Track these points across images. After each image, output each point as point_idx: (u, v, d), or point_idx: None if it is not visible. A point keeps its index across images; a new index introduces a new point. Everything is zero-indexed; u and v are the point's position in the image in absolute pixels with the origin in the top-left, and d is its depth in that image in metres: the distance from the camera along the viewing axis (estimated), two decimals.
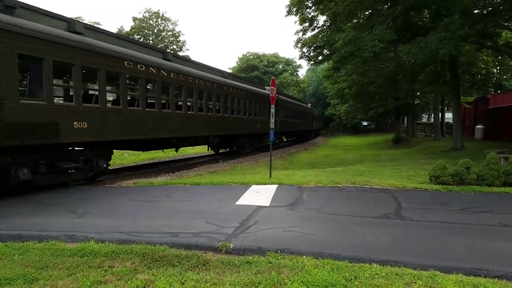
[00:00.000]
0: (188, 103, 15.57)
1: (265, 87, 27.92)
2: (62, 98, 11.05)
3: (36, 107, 8.88)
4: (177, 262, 4.61)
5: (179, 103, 15.26)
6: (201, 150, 26.09)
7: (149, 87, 13.69)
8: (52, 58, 9.13)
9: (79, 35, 10.20)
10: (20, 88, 8.78)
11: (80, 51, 9.94)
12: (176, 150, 16.70)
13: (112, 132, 11.17)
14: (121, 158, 20.63)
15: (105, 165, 11.79)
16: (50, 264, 4.59)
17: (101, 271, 4.39)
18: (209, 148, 22.36)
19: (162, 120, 13.76)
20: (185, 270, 4.41)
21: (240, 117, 21.33)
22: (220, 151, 23.64)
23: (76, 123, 9.91)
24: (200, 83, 16.55)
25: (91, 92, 11.57)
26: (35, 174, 9.27)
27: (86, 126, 10.19)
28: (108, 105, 11.45)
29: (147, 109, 12.78)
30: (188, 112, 15.54)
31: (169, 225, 6.11)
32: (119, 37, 12.82)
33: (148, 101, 13.79)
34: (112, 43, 11.47)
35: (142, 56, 12.63)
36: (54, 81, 9.93)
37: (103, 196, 9.06)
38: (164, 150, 16.68)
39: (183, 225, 6.10)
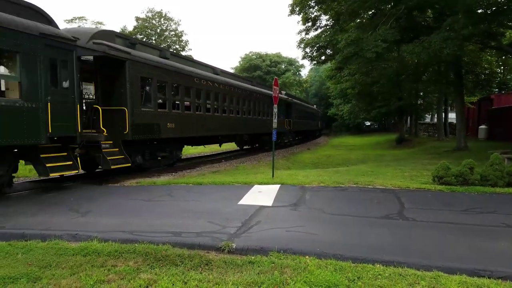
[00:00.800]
0: (231, 108, 20.08)
1: (282, 91, 31.87)
2: (160, 107, 14.24)
3: (149, 113, 12.85)
4: (180, 262, 4.62)
5: (224, 108, 19.29)
6: (202, 150, 26.07)
7: (206, 95, 17.48)
8: (156, 78, 13.28)
9: (168, 60, 14.41)
10: (140, 100, 12.46)
11: (171, 73, 14.15)
12: (220, 145, 21.78)
13: (186, 130, 15.39)
14: None
15: (180, 155, 16.53)
16: (53, 263, 4.61)
17: (104, 270, 4.40)
18: (237, 144, 26.36)
19: (214, 121, 18.12)
20: (188, 270, 4.41)
21: (263, 118, 25.60)
22: (244, 147, 27.35)
23: (168, 124, 13.90)
24: (238, 92, 21.23)
25: (176, 102, 15.04)
26: (143, 160, 13.25)
27: (173, 126, 14.24)
28: (185, 111, 15.42)
29: (206, 113, 17.25)
30: (230, 115, 20.02)
31: (171, 225, 6.11)
32: (187, 59, 18.45)
33: (206, 107, 17.62)
34: (183, 63, 16.01)
35: (202, 72, 17.16)
36: (158, 95, 13.68)
37: (106, 195, 9.09)
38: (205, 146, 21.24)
39: (186, 225, 6.10)
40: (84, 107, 11.82)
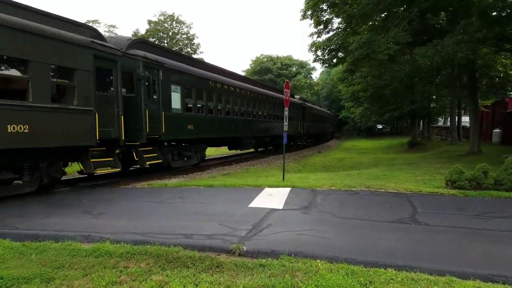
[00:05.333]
0: (253, 112, 21.92)
1: (294, 96, 34.06)
2: (187, 110, 15.27)
3: (177, 116, 14.10)
4: (191, 264, 4.63)
5: (245, 111, 20.77)
6: (213, 152, 26.16)
7: (227, 100, 18.77)
8: (183, 84, 14.59)
9: (194, 68, 15.84)
10: (170, 103, 13.75)
11: (194, 78, 15.47)
12: (241, 148, 22.09)
13: (210, 132, 16.84)
14: None
15: (204, 155, 17.75)
16: (66, 264, 4.66)
17: (116, 271, 4.44)
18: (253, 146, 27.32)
19: (237, 124, 19.58)
20: (199, 272, 4.43)
21: (279, 121, 26.50)
22: (259, 149, 28.20)
23: (193, 125, 15.17)
24: (259, 97, 22.95)
25: (199, 105, 16.14)
26: (173, 160, 14.45)
27: (198, 128, 15.57)
28: (203, 113, 16.47)
29: (227, 116, 18.54)
30: (248, 118, 21.33)
31: (183, 227, 6.14)
32: (211, 66, 18.87)
33: (226, 110, 18.85)
34: (208, 70, 17.52)
35: (224, 78, 18.45)
36: (185, 99, 14.85)
37: (118, 197, 9.18)
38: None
39: (197, 227, 6.12)
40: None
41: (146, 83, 12.32)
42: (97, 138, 9.92)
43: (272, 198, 8.57)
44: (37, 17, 8.65)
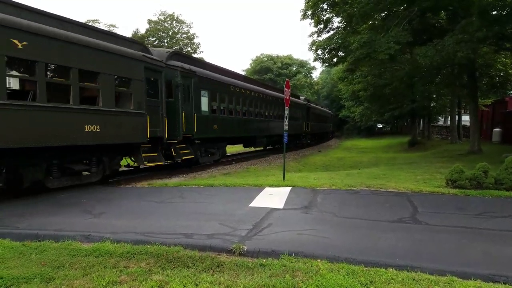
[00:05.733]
0: (266, 113, 24.20)
1: (300, 97, 36.90)
2: (212, 112, 16.88)
3: (205, 117, 16.07)
4: (191, 264, 4.63)
5: (258, 112, 22.72)
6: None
7: (244, 102, 20.60)
8: (209, 89, 16.48)
9: (217, 74, 17.70)
10: (201, 107, 15.70)
11: (218, 84, 17.36)
12: (255, 146, 24.59)
13: (230, 131, 18.72)
14: None
15: (225, 152, 19.63)
16: (66, 263, 4.65)
17: (116, 271, 4.43)
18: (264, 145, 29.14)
19: (252, 124, 21.63)
20: (199, 272, 4.42)
21: (290, 122, 27.33)
22: (267, 147, 29.71)
23: (218, 125, 17.02)
24: (270, 99, 24.84)
25: (221, 107, 17.82)
26: (201, 156, 16.44)
27: (222, 128, 17.37)
28: (225, 115, 18.15)
29: (243, 117, 20.44)
30: (261, 119, 23.36)
31: (183, 226, 6.14)
32: (229, 72, 20.22)
33: (243, 111, 20.55)
34: (229, 76, 19.41)
35: (240, 82, 20.43)
36: (211, 102, 16.69)
37: (119, 197, 9.17)
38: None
39: (197, 226, 6.12)
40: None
41: (182, 90, 14.27)
42: (148, 136, 11.88)
43: (273, 197, 8.57)
44: (105, 37, 10.65)
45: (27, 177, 9.00)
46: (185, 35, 53.86)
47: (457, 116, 32.50)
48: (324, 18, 24.21)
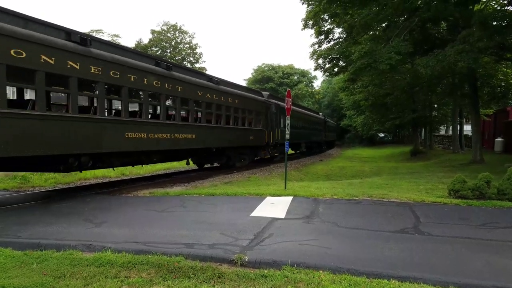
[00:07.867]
0: (304, 125, 33.41)
1: (319, 113, 49.42)
2: (284, 127, 21.86)
3: (283, 130, 23.25)
4: (193, 274, 4.61)
5: (297, 125, 30.21)
6: None
7: (296, 119, 29.23)
8: (277, 111, 24.44)
9: (280, 100, 26.00)
10: (280, 124, 24.82)
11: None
12: (300, 150, 35.37)
13: (292, 139, 22.76)
14: (137, 168, 20.78)
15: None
16: (67, 273, 4.64)
17: (118, 281, 4.42)
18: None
19: (299, 134, 31.06)
20: (200, 283, 4.40)
21: (313, 132, 37.99)
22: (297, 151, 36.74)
23: (286, 136, 21.31)
24: (307, 117, 35.07)
25: (284, 123, 22.86)
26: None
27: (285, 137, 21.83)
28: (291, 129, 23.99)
29: (295, 130, 27.85)
30: (303, 130, 33.17)
31: (184, 236, 6.12)
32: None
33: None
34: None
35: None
36: (281, 120, 24.92)
37: (120, 206, 9.15)
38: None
39: (198, 236, 6.10)
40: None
41: (274, 115, 23.57)
42: (265, 142, 21.84)
43: (274, 207, 8.54)
44: (250, 91, 21.76)
45: (233, 161, 19.72)
46: (187, 45, 54.24)
47: (458, 126, 32.50)
48: (325, 29, 24.43)
